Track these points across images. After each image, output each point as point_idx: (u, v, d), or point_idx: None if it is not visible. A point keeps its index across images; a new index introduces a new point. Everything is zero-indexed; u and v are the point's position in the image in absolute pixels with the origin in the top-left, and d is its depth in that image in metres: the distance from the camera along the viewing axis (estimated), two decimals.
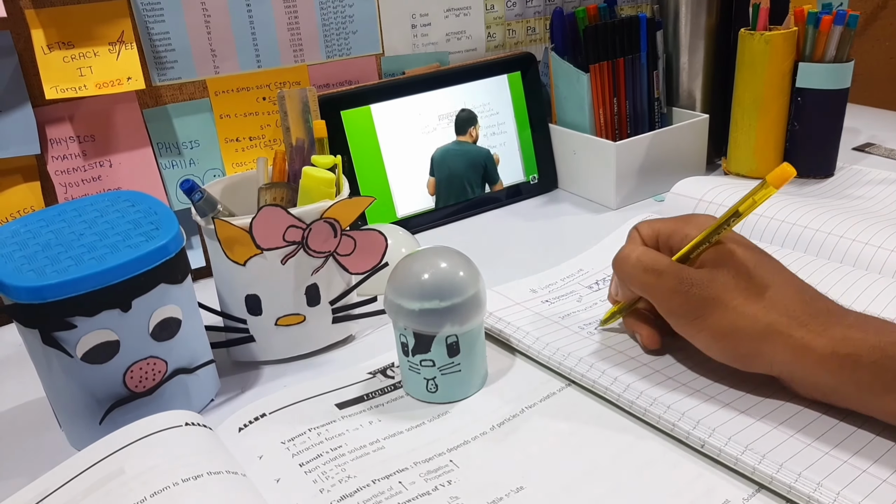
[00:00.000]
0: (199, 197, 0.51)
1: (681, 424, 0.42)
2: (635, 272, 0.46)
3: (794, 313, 0.41)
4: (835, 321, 0.41)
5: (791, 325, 0.41)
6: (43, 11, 0.60)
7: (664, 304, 0.45)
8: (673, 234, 0.47)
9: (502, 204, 0.81)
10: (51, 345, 0.42)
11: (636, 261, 0.46)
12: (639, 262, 0.46)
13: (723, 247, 0.44)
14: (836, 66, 0.72)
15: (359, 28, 0.75)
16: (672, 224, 0.48)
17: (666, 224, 0.48)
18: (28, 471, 0.46)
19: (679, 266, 0.45)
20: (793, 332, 0.41)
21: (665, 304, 0.45)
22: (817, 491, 0.36)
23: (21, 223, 0.47)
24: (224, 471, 0.39)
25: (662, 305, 0.45)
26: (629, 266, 0.46)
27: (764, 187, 0.42)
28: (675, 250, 0.47)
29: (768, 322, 0.41)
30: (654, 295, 0.46)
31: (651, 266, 0.45)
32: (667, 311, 0.45)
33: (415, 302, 0.45)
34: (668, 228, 0.48)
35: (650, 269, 0.45)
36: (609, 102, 0.80)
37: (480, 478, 0.41)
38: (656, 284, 0.45)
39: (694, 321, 0.44)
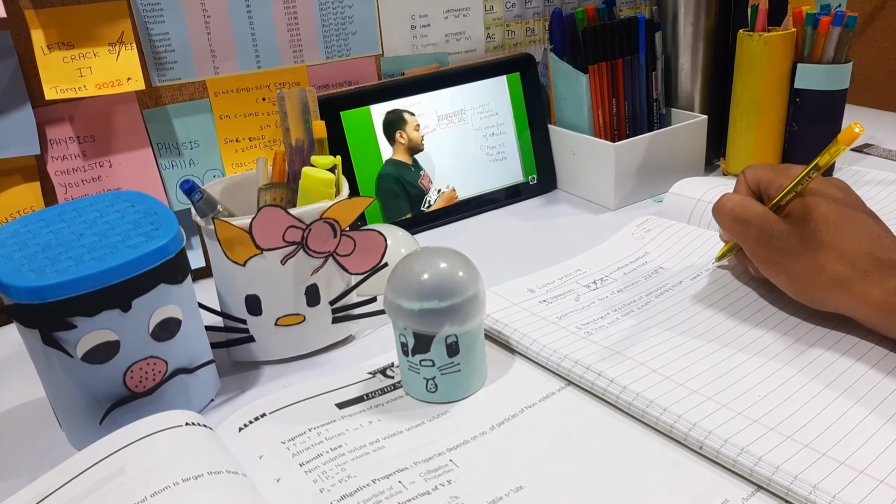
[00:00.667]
0: (199, 197, 0.52)
1: (678, 426, 0.42)
2: (727, 220, 0.52)
3: (859, 264, 0.46)
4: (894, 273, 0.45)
5: (854, 275, 0.46)
6: (43, 12, 0.60)
7: (749, 249, 0.51)
8: (770, 183, 0.52)
9: (501, 204, 0.82)
10: (51, 345, 0.42)
11: (729, 210, 0.51)
12: (731, 211, 0.51)
13: (809, 199, 0.49)
14: (835, 67, 0.72)
15: (358, 29, 0.75)
16: (770, 173, 0.53)
17: (766, 173, 0.53)
18: (28, 471, 0.46)
19: (765, 217, 0.50)
20: (854, 282, 0.46)
21: (750, 250, 0.51)
22: (813, 493, 0.37)
23: (21, 223, 0.47)
24: (224, 471, 0.39)
25: (748, 250, 0.51)
26: (723, 214, 0.52)
27: (835, 144, 0.47)
28: (772, 198, 0.52)
29: (834, 273, 0.47)
30: (742, 241, 0.51)
31: (741, 216, 0.51)
32: (751, 255, 0.51)
33: (414, 302, 0.45)
34: (767, 177, 0.53)
35: (740, 218, 0.51)
36: (608, 103, 0.80)
37: (480, 478, 0.41)
38: (743, 233, 0.51)
39: (773, 266, 0.50)
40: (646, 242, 0.65)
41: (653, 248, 0.64)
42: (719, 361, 0.48)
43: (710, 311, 0.54)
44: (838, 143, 0.47)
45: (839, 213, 0.48)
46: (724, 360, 0.48)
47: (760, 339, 0.50)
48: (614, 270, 0.61)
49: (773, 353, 0.48)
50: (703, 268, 0.60)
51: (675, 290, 0.57)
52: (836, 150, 0.47)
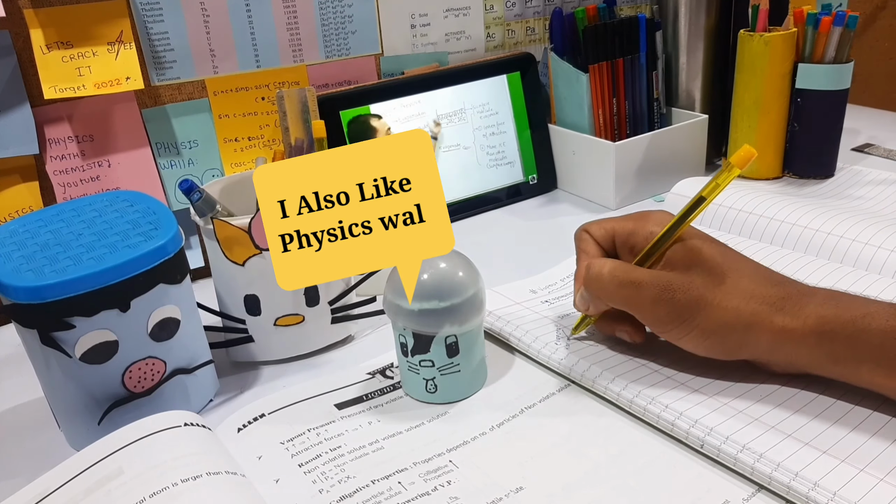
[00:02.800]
0: (198, 197, 0.51)
1: (679, 423, 0.42)
2: (611, 288, 0.45)
3: (770, 299, 0.42)
4: (807, 300, 0.42)
5: (770, 311, 0.42)
6: (42, 11, 0.60)
7: (648, 314, 0.44)
8: (632, 234, 0.46)
9: (502, 204, 0.81)
10: (49, 345, 0.42)
11: (610, 276, 0.45)
12: (613, 277, 0.45)
13: (688, 244, 0.44)
14: (836, 67, 0.72)
15: (358, 28, 0.75)
16: (629, 223, 0.47)
17: (621, 223, 0.47)
18: (27, 471, 0.46)
19: (656, 274, 0.44)
20: (773, 318, 0.42)
21: (649, 314, 0.44)
22: (814, 490, 0.36)
23: (19, 223, 0.47)
24: (223, 471, 0.39)
25: (646, 316, 0.45)
26: (604, 283, 0.45)
27: (728, 169, 0.42)
28: (638, 250, 0.46)
29: (750, 312, 0.42)
30: (635, 307, 0.45)
31: (628, 279, 0.44)
32: (651, 320, 0.45)
33: (414, 302, 0.45)
34: (625, 228, 0.47)
35: (627, 283, 0.44)
36: (608, 103, 0.80)
37: (480, 478, 0.41)
38: (636, 297, 0.44)
39: (681, 325, 0.43)
40: None
41: None
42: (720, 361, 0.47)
43: None
44: (731, 168, 0.42)
45: (722, 251, 0.44)
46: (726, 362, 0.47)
47: None
48: None
49: None
50: None
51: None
52: (726, 175, 0.43)
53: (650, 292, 0.43)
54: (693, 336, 0.43)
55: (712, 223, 0.67)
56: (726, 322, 0.42)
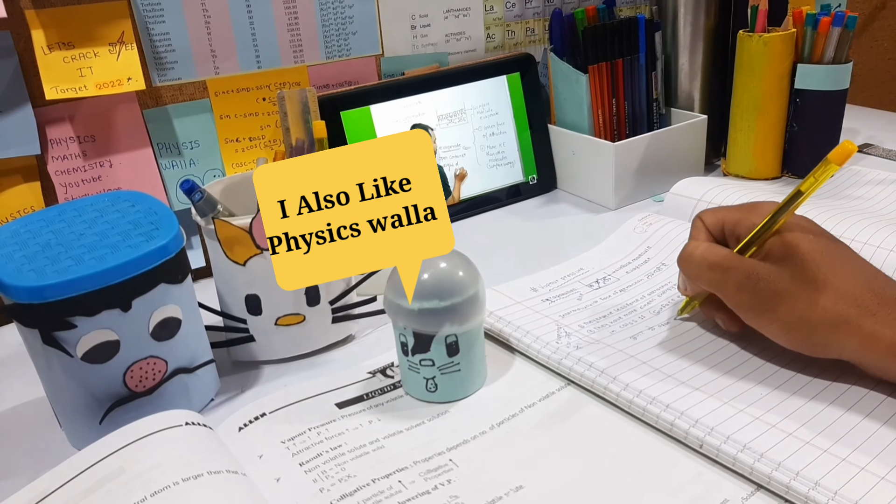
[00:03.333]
0: (199, 197, 0.52)
1: (679, 423, 0.42)
2: (700, 270, 0.46)
3: (863, 303, 0.41)
4: None
5: (860, 315, 0.41)
6: (43, 12, 0.60)
7: (732, 298, 0.45)
8: (738, 223, 0.47)
9: (502, 204, 0.82)
10: (51, 345, 0.42)
11: (700, 258, 0.46)
12: (703, 258, 0.46)
13: (788, 235, 0.44)
14: (835, 68, 0.72)
15: (358, 29, 0.75)
16: (737, 213, 0.48)
17: (731, 213, 0.48)
18: (28, 471, 0.46)
19: (744, 261, 0.45)
20: (862, 322, 0.41)
21: (733, 299, 0.45)
22: (814, 490, 0.37)
23: (21, 223, 0.47)
24: (224, 470, 0.39)
25: (731, 300, 0.46)
26: (694, 264, 0.46)
27: (825, 165, 0.42)
28: (742, 239, 0.47)
29: (837, 313, 0.41)
30: (721, 290, 0.46)
31: (716, 263, 0.45)
32: (735, 306, 0.46)
33: (414, 302, 0.45)
34: (733, 218, 0.48)
35: (715, 265, 0.45)
36: (608, 103, 0.80)
37: (480, 477, 0.41)
38: (723, 281, 0.45)
39: (763, 314, 0.44)
40: (647, 237, 0.65)
41: (654, 243, 0.64)
42: (721, 360, 0.48)
43: None
44: (829, 164, 0.42)
45: (824, 248, 0.44)
46: (725, 360, 0.48)
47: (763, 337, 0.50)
48: (617, 269, 0.61)
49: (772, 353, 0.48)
50: None
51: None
52: (824, 171, 0.42)
53: (735, 278, 0.44)
54: (775, 328, 0.44)
55: None
56: (810, 319, 0.42)
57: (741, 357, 0.48)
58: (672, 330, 0.51)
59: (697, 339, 0.50)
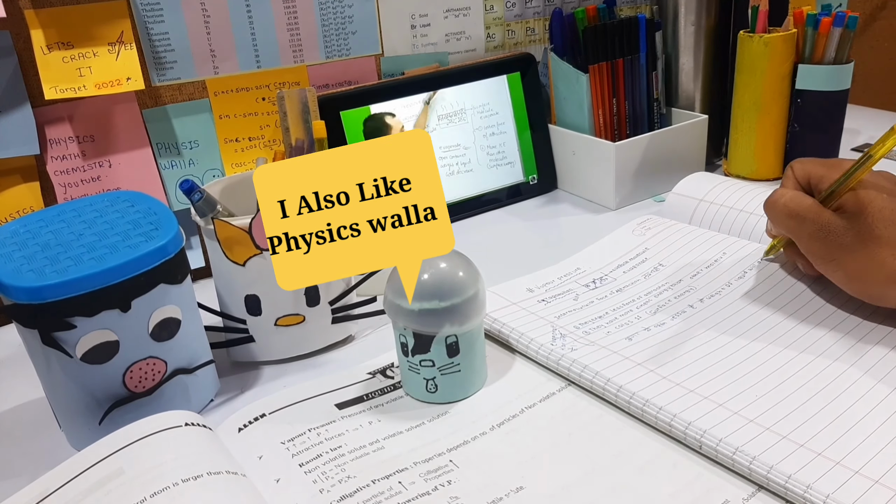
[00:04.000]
0: (199, 197, 0.51)
1: (675, 425, 0.42)
2: (781, 216, 0.51)
3: None
4: None
5: None
6: (42, 11, 0.60)
7: (805, 245, 0.50)
8: (822, 179, 0.51)
9: (502, 204, 0.82)
10: (50, 345, 0.42)
11: (783, 205, 0.50)
12: (785, 206, 0.50)
13: (863, 193, 0.48)
14: (836, 68, 0.72)
15: (358, 28, 0.75)
16: (822, 168, 0.51)
17: (817, 167, 0.51)
18: (28, 471, 0.46)
19: (820, 212, 0.49)
20: None
21: (805, 246, 0.50)
22: (807, 493, 0.37)
23: (20, 223, 0.47)
24: (224, 471, 0.39)
25: (803, 246, 0.50)
26: (777, 209, 0.51)
27: (891, 133, 0.46)
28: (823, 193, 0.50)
29: (894, 268, 0.46)
30: (796, 237, 0.51)
31: (795, 211, 0.50)
32: (807, 252, 0.50)
33: (414, 302, 0.45)
34: (818, 172, 0.51)
35: (793, 213, 0.50)
36: (608, 103, 0.80)
37: (480, 478, 0.41)
38: (798, 228, 0.50)
39: (830, 262, 0.49)
40: (646, 239, 0.65)
41: (653, 245, 0.64)
42: (716, 361, 0.47)
43: (709, 310, 0.54)
44: (894, 132, 0.46)
45: (893, 206, 0.47)
46: (720, 361, 0.48)
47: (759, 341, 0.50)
48: (613, 269, 0.61)
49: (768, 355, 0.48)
50: (703, 266, 0.60)
51: (675, 290, 0.57)
52: (893, 139, 0.46)
53: (809, 227, 0.49)
54: (840, 275, 0.49)
55: (712, 223, 0.67)
56: (869, 272, 0.47)
57: (736, 359, 0.48)
58: (668, 331, 0.51)
59: (692, 341, 0.50)
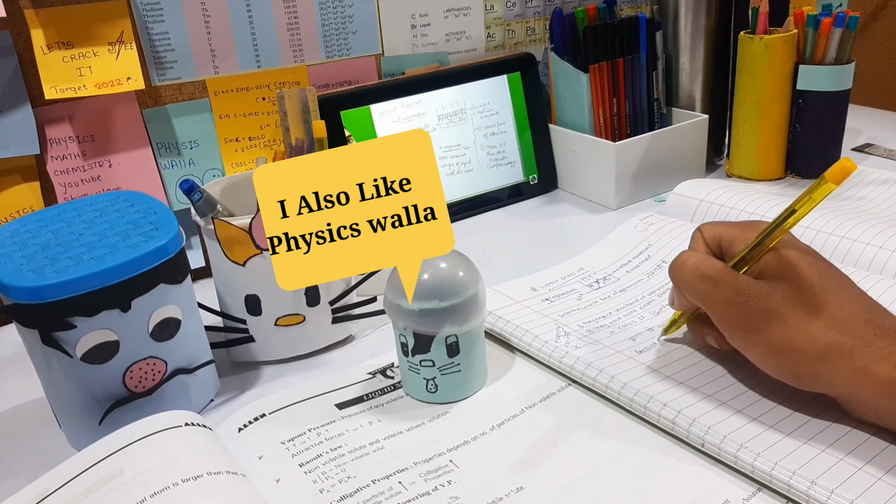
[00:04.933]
0: (199, 197, 0.51)
1: (679, 421, 0.42)
2: (691, 279, 0.44)
3: (857, 333, 0.39)
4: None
5: (854, 346, 0.39)
6: (42, 11, 0.60)
7: (719, 314, 0.43)
8: (735, 240, 0.45)
9: (502, 204, 0.81)
10: (50, 345, 0.42)
11: (693, 267, 0.44)
12: (695, 268, 0.44)
13: (785, 254, 0.42)
14: (837, 68, 0.72)
15: (358, 28, 0.75)
16: (735, 230, 0.46)
17: (729, 229, 0.46)
18: (28, 471, 0.46)
19: (736, 275, 0.43)
20: (855, 354, 0.38)
21: (720, 315, 0.43)
22: (811, 489, 0.37)
23: (20, 223, 0.47)
24: (224, 471, 0.39)
25: (717, 315, 0.44)
26: (685, 273, 0.45)
27: (822, 183, 0.39)
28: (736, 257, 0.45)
29: (829, 341, 0.39)
30: (709, 304, 0.44)
31: (707, 274, 0.43)
32: (721, 322, 0.43)
33: (414, 302, 0.45)
34: (730, 234, 0.46)
35: (706, 276, 0.43)
36: (608, 103, 0.80)
37: (480, 478, 0.41)
38: (712, 293, 0.43)
39: (750, 334, 0.42)
40: (648, 235, 0.65)
41: (655, 241, 0.64)
42: (720, 360, 0.48)
43: None
44: (826, 182, 0.39)
45: (822, 271, 0.41)
46: (725, 360, 0.48)
47: None
48: (617, 269, 0.61)
49: None
50: None
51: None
52: (821, 190, 0.39)
53: (725, 292, 0.42)
54: (760, 350, 0.42)
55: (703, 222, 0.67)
56: (798, 345, 0.40)
57: (740, 357, 0.48)
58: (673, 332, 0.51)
59: (695, 341, 0.50)
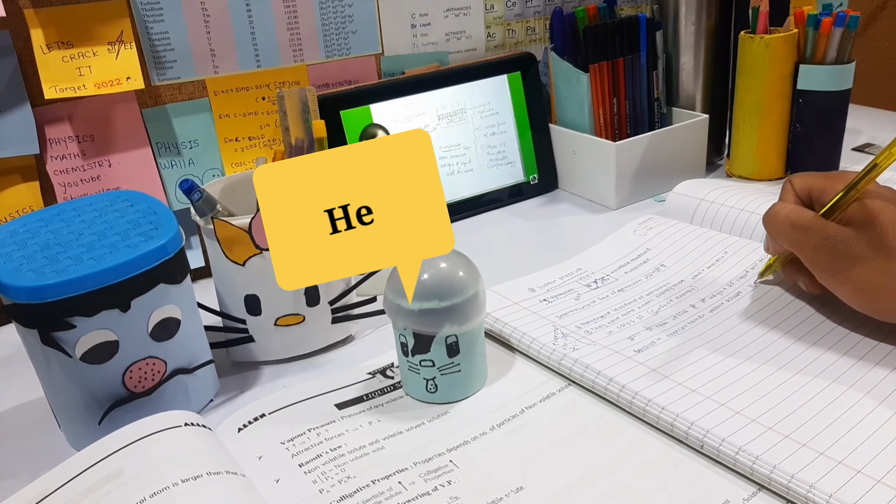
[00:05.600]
0: (198, 197, 0.51)
1: (678, 424, 0.42)
2: (783, 228, 0.48)
3: None
4: None
5: None
6: (42, 11, 0.60)
7: (809, 258, 0.48)
8: (824, 190, 0.49)
9: (503, 204, 0.81)
10: (50, 345, 0.42)
11: (784, 217, 0.48)
12: (787, 218, 0.48)
13: (870, 203, 0.46)
14: (837, 68, 0.72)
15: (358, 28, 0.75)
16: (824, 180, 0.49)
17: (818, 180, 0.50)
18: (28, 471, 0.46)
19: (824, 222, 0.47)
20: None
21: (810, 259, 0.47)
22: (810, 492, 0.37)
23: (20, 223, 0.47)
24: (223, 471, 0.39)
25: (808, 259, 0.48)
26: (777, 222, 0.49)
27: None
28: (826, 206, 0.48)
29: None
30: (800, 250, 0.48)
31: (798, 222, 0.47)
32: (812, 265, 0.48)
33: (414, 302, 0.45)
34: (819, 185, 0.49)
35: (797, 225, 0.47)
36: (609, 102, 0.80)
37: (480, 478, 0.41)
38: (802, 240, 0.47)
39: (837, 275, 0.46)
40: (647, 239, 0.65)
41: (654, 245, 0.64)
42: (719, 361, 0.47)
43: (710, 310, 0.53)
44: None
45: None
46: (723, 360, 0.48)
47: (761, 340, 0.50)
48: (615, 269, 0.61)
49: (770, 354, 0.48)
50: (704, 266, 0.60)
51: (676, 290, 0.57)
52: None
53: (814, 238, 0.46)
54: (847, 289, 0.46)
55: (713, 223, 0.67)
56: (880, 284, 0.44)
57: (738, 359, 0.48)
58: (669, 331, 0.51)
59: (694, 341, 0.50)
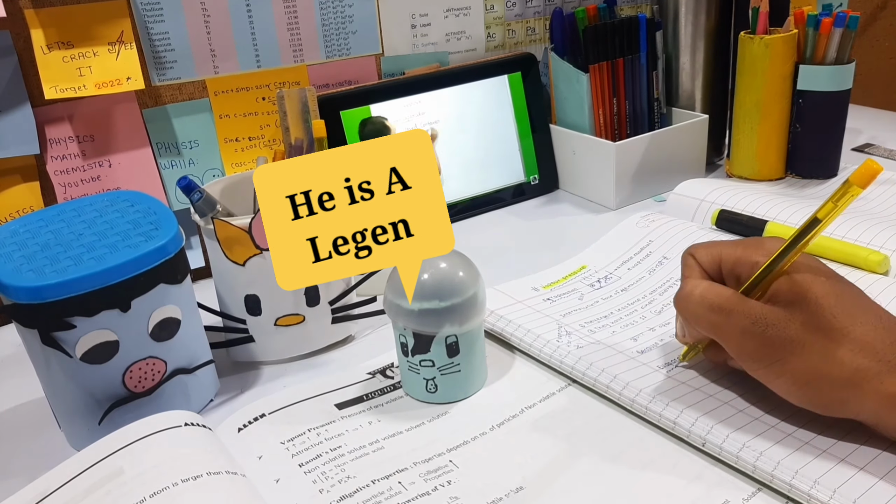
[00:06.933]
0: (198, 197, 0.51)
1: (681, 422, 0.42)
2: (700, 311, 0.41)
3: (884, 356, 0.37)
4: None
5: (881, 370, 0.37)
6: (42, 11, 0.60)
7: (736, 346, 0.40)
8: (739, 262, 0.42)
9: (503, 204, 0.81)
10: (50, 345, 0.42)
11: (700, 298, 0.41)
12: (703, 299, 0.41)
13: (798, 276, 0.39)
14: (837, 68, 0.72)
15: (358, 28, 0.75)
16: (737, 249, 0.43)
17: (728, 249, 0.43)
18: (28, 471, 0.46)
19: (750, 303, 0.40)
20: (884, 378, 0.36)
21: (737, 347, 0.40)
22: (814, 488, 0.37)
23: (20, 223, 0.47)
24: (223, 471, 0.39)
25: (734, 348, 0.40)
26: (693, 305, 0.41)
27: (848, 189, 0.36)
28: (744, 280, 0.42)
29: (856, 367, 0.37)
30: (723, 336, 0.41)
31: (718, 304, 0.40)
32: (739, 354, 0.41)
33: (414, 302, 0.45)
34: (732, 255, 0.42)
35: (716, 307, 0.40)
36: (609, 103, 0.80)
37: (480, 478, 0.41)
38: (725, 325, 0.40)
39: (771, 366, 0.39)
40: (650, 231, 0.65)
41: (657, 237, 0.64)
42: None
43: None
44: (851, 186, 0.36)
45: (839, 292, 0.39)
46: None
47: None
48: (618, 266, 0.61)
49: None
50: None
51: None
52: (847, 196, 0.36)
53: (739, 322, 0.39)
54: (784, 381, 0.39)
55: (704, 221, 0.67)
56: (824, 373, 0.37)
57: None
58: (672, 331, 0.51)
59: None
